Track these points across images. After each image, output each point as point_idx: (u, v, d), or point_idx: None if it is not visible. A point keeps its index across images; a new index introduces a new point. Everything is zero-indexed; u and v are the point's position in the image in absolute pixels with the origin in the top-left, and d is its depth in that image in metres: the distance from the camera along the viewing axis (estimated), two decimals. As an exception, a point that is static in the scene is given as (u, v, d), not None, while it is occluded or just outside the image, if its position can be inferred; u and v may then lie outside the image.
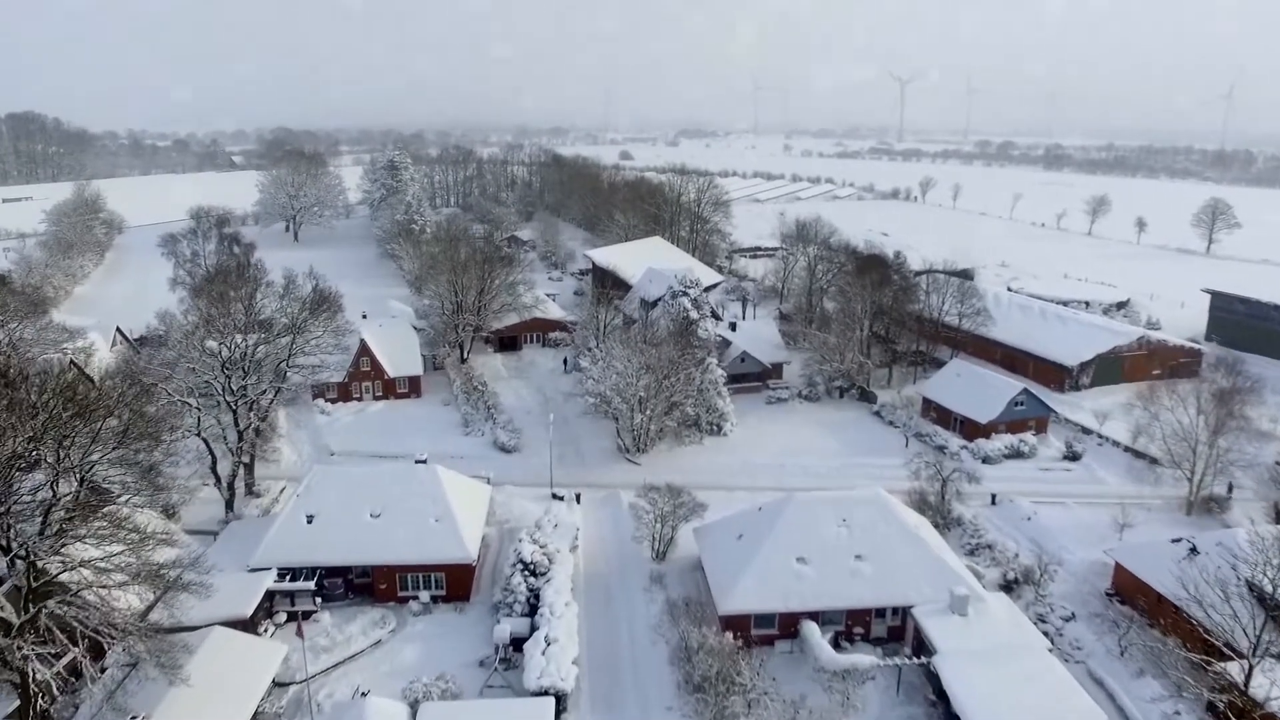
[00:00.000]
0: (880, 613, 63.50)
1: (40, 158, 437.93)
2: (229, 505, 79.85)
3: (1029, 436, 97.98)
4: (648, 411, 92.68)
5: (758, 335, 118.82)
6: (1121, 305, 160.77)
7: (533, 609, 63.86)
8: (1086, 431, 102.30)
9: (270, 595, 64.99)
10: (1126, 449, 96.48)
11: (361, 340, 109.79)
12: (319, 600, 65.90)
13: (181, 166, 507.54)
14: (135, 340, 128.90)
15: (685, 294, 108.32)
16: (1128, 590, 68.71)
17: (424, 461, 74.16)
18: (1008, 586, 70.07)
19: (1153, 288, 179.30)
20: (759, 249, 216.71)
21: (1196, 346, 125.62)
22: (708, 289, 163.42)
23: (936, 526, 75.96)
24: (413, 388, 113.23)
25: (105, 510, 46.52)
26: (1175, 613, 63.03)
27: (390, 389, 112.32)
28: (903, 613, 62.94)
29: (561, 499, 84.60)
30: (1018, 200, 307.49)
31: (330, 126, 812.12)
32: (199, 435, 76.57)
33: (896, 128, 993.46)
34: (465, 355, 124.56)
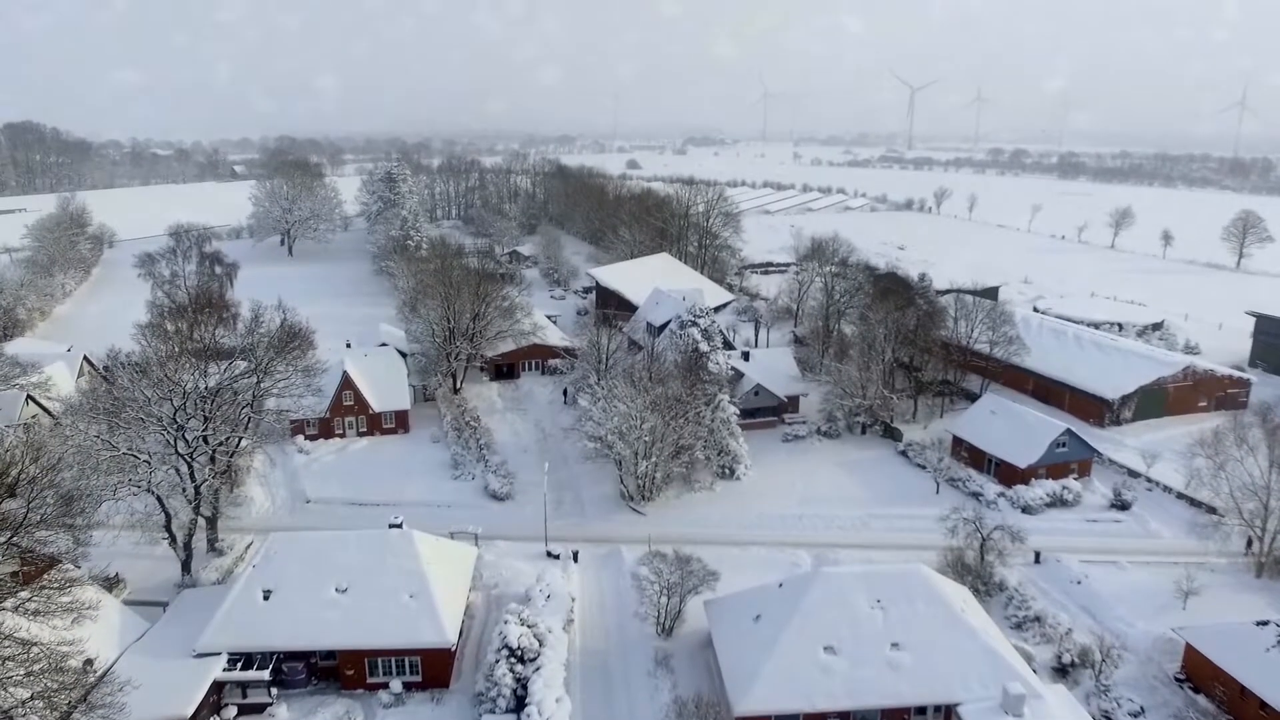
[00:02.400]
0: (921, 710, 54.79)
1: (39, 168, 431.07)
2: (185, 567, 71.41)
3: (1072, 482, 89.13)
4: (653, 457, 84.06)
5: (772, 366, 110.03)
6: (1156, 327, 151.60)
7: (519, 702, 55.37)
8: (1134, 474, 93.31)
9: (219, 686, 56.59)
10: (1180, 495, 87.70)
11: (344, 373, 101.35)
12: (274, 691, 57.43)
13: (182, 176, 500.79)
14: (107, 366, 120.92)
15: (695, 324, 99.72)
16: (1201, 676, 59.98)
17: (399, 525, 65.47)
18: (1063, 670, 61.57)
19: (1185, 306, 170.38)
20: (770, 265, 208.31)
21: (1245, 376, 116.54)
22: (718, 309, 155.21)
23: (977, 593, 67.61)
24: (399, 422, 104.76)
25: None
26: (1263, 709, 54.46)
27: (375, 424, 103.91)
28: (946, 711, 54.26)
29: (557, 557, 76.21)
30: (1036, 212, 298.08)
31: (336, 134, 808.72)
32: (150, 491, 68.05)
33: (906, 134, 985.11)
34: (458, 385, 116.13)
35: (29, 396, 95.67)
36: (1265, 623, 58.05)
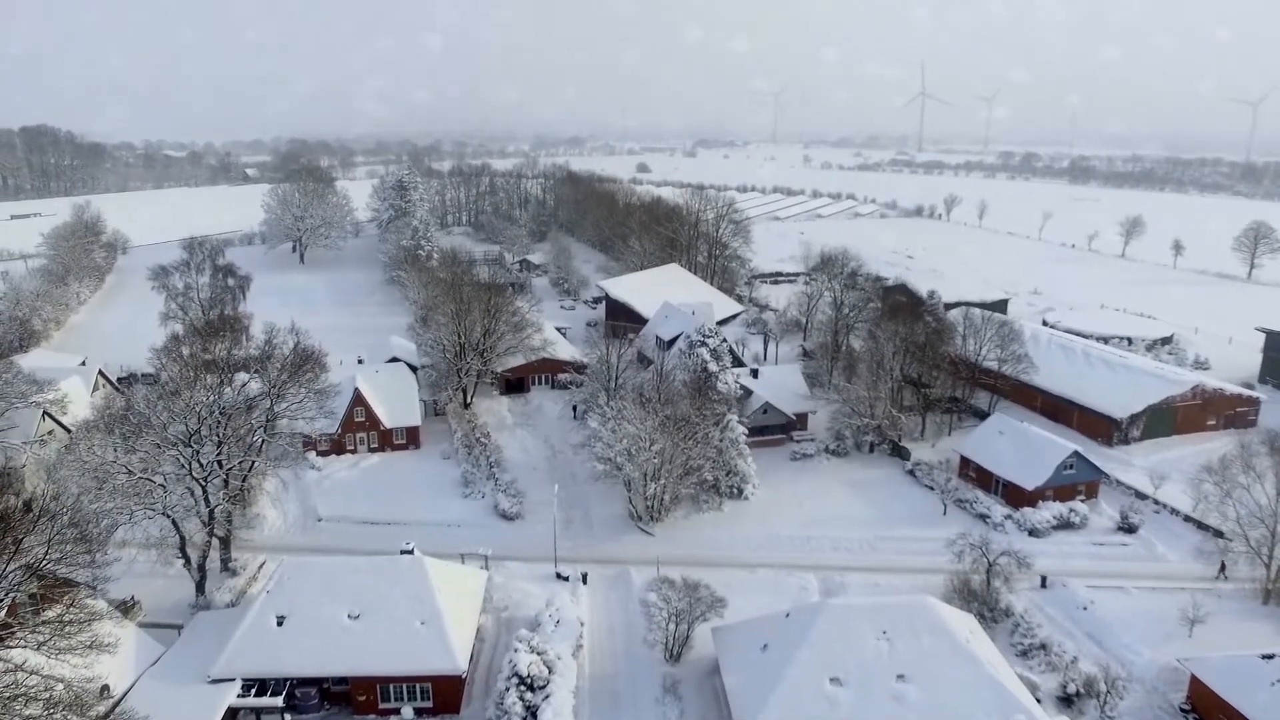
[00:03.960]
0: (927, 743, 55.20)
1: (54, 171, 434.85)
2: (200, 588, 72.38)
3: (1079, 504, 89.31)
4: (662, 479, 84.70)
5: (781, 383, 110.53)
6: (1166, 341, 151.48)
7: (529, 730, 56.12)
8: (1141, 496, 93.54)
9: (233, 712, 57.50)
10: (1187, 518, 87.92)
11: (356, 389, 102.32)
12: (288, 717, 58.33)
13: (195, 180, 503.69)
14: (121, 379, 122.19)
15: (703, 343, 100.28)
16: (1206, 708, 60.29)
17: (410, 551, 66.33)
18: (1068, 700, 61.95)
19: (1195, 319, 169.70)
20: (780, 274, 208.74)
21: (1254, 395, 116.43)
22: (727, 320, 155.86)
23: (983, 619, 68.17)
24: (410, 438, 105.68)
25: None
26: (1267, 743, 54.79)
27: (387, 440, 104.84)
28: (952, 743, 54.66)
29: (566, 579, 76.94)
30: (1047, 220, 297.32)
31: (348, 136, 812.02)
32: (165, 514, 69.00)
33: (916, 136, 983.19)
34: (469, 400, 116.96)
35: (45, 413, 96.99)
36: (1271, 656, 58.32)
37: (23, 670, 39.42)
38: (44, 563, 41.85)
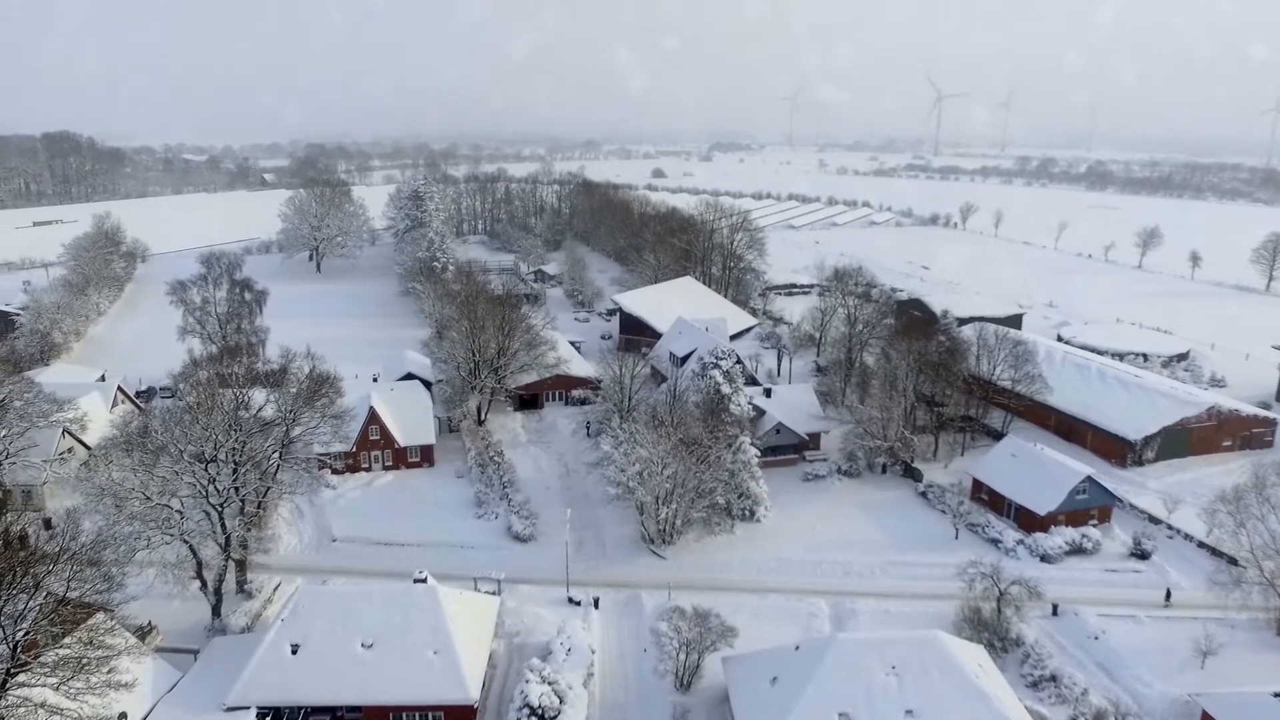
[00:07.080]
0: (935, 780, 55.36)
1: (75, 176, 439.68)
2: (215, 611, 73.21)
3: (1091, 529, 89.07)
4: (674, 504, 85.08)
5: (794, 403, 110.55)
6: (1182, 358, 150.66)
7: (540, 760, 56.63)
8: (1155, 521, 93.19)
9: (248, 740, 58.20)
10: (1200, 544, 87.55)
11: (370, 408, 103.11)
12: (301, 746, 59.04)
13: (214, 185, 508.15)
14: (140, 393, 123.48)
15: (717, 365, 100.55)
16: (1218, 744, 60.09)
17: (423, 580, 66.92)
18: (1078, 733, 61.88)
19: (1212, 333, 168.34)
20: (794, 286, 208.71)
21: (1270, 416, 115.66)
22: (740, 334, 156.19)
23: (992, 649, 68.30)
24: (425, 456, 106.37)
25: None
26: (1279, 783, 54.67)
27: (401, 458, 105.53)
28: (961, 779, 54.81)
29: (578, 604, 77.43)
30: (1063, 229, 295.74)
31: (365, 139, 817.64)
32: (182, 539, 69.87)
33: (932, 139, 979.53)
34: (483, 417, 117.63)
35: (65, 430, 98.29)
36: (1283, 695, 58.15)
37: (44, 708, 40.17)
38: (63, 603, 42.65)
